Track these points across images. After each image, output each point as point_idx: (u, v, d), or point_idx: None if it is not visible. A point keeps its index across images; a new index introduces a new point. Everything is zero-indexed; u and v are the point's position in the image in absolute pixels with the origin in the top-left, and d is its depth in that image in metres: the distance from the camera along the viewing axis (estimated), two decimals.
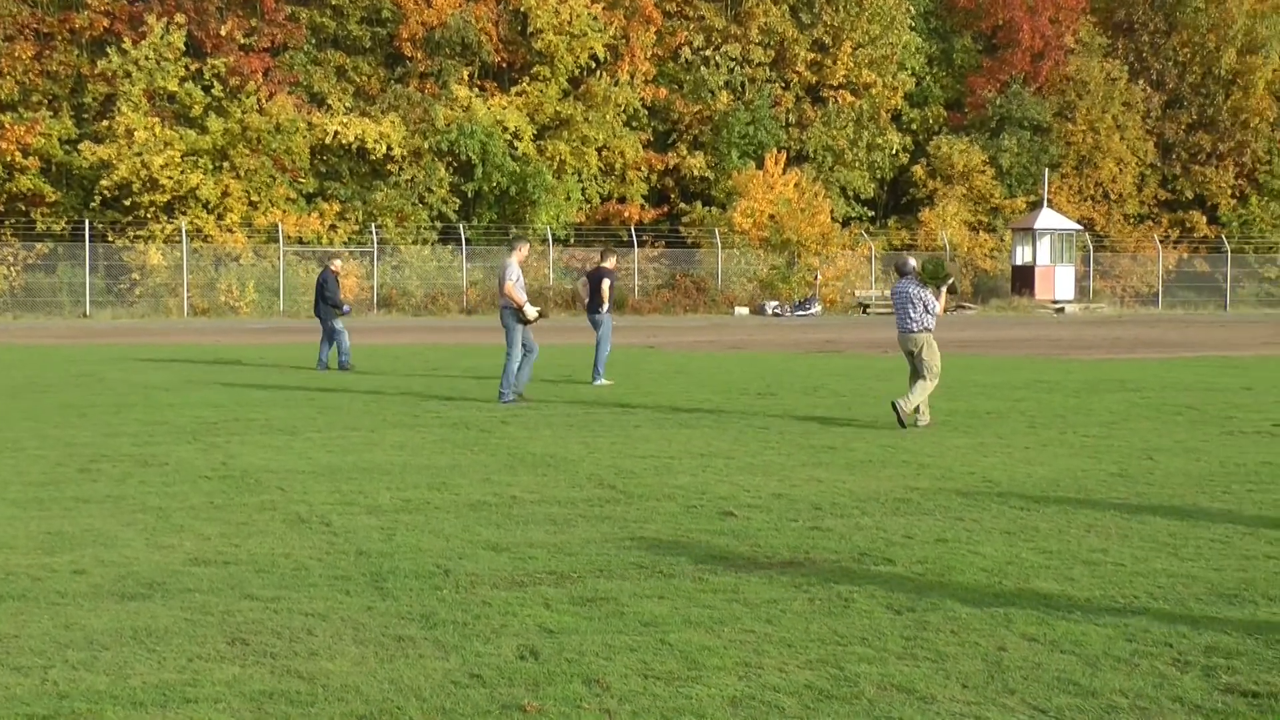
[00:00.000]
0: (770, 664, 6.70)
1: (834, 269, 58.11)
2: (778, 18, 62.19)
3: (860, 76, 63.41)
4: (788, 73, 63.46)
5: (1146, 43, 67.60)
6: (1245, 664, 6.78)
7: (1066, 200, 64.40)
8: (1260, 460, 13.61)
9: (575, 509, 10.86)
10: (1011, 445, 14.85)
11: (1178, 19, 67.42)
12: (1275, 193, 67.54)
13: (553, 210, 57.25)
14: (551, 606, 7.78)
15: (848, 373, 25.19)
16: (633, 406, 18.85)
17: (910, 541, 9.64)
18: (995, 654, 6.92)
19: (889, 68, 64.03)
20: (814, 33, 63.01)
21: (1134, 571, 8.73)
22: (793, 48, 62.66)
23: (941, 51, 67.83)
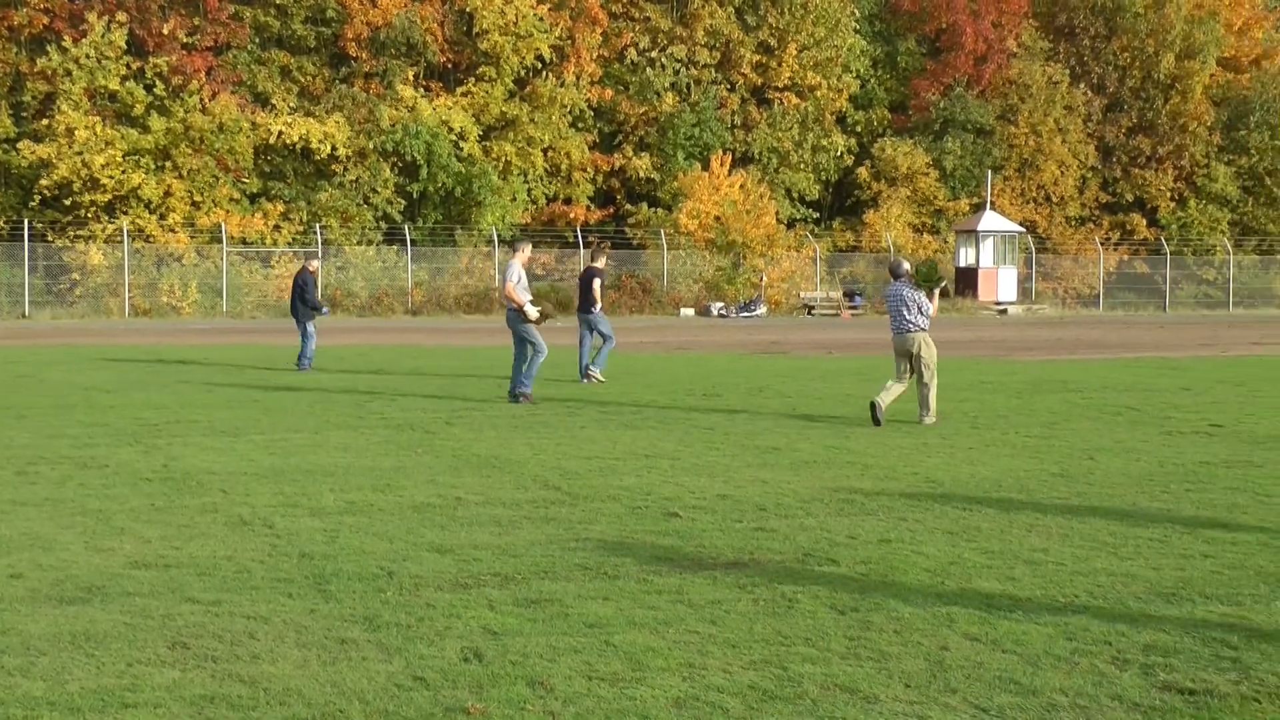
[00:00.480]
0: (714, 665, 6.72)
1: (779, 270, 58.25)
2: (723, 20, 62.29)
3: (805, 79, 63.58)
4: (733, 74, 63.57)
5: (1087, 47, 68.08)
6: (1182, 662, 6.84)
7: (1009, 202, 64.78)
8: (1198, 460, 13.74)
9: (520, 510, 10.85)
10: (954, 446, 14.94)
11: (1118, 24, 67.93)
12: (1213, 196, 68.16)
13: (498, 211, 57.12)
14: (496, 608, 7.77)
15: (793, 374, 25.26)
16: (578, 408, 18.84)
17: (854, 542, 9.68)
18: (938, 653, 6.96)
19: (834, 70, 64.23)
20: (759, 35, 63.14)
21: (1074, 571, 8.80)
22: (738, 50, 62.77)
23: (886, 54, 68.11)
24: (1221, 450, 14.55)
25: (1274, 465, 13.45)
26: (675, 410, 18.56)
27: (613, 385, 22.31)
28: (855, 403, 19.56)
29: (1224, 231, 67.72)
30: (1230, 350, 32.87)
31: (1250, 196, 69.00)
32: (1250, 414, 18.12)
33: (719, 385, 22.40)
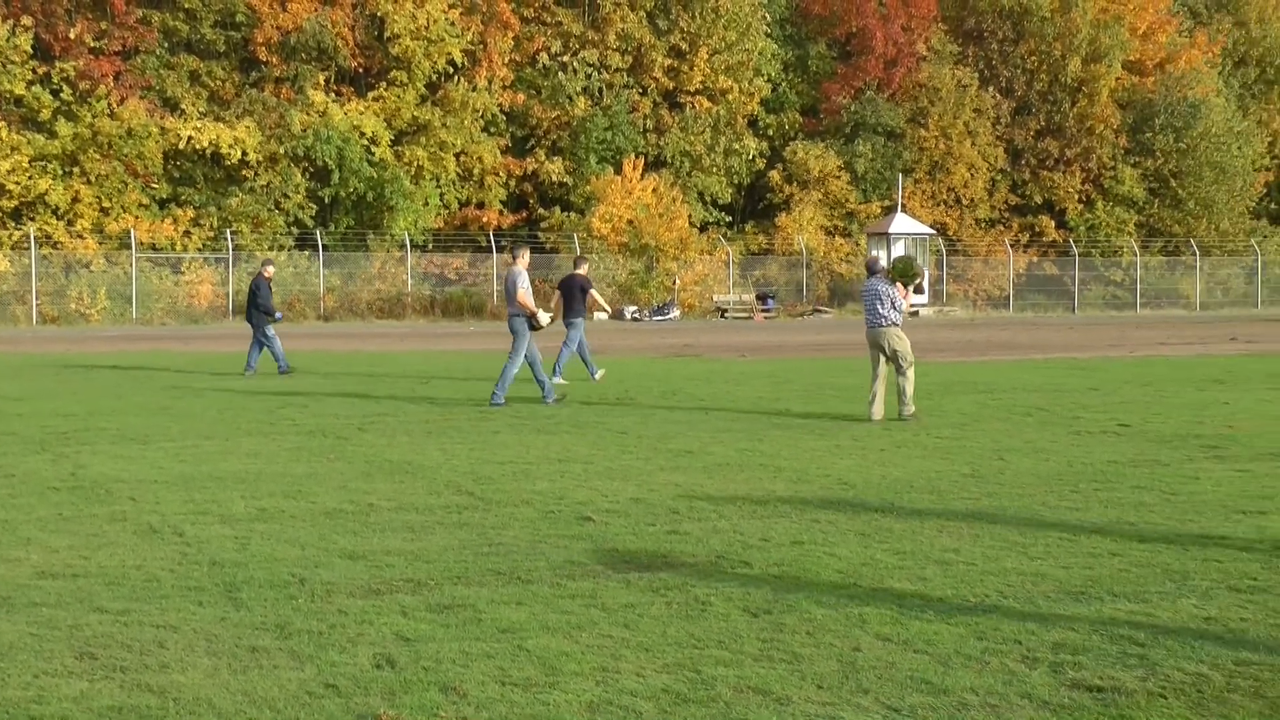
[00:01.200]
0: (627, 668, 6.72)
1: (692, 274, 58.39)
2: (635, 24, 62.35)
3: (717, 83, 63.76)
4: (645, 79, 63.64)
5: (996, 51, 68.73)
6: (1091, 659, 6.92)
7: (920, 205, 65.28)
8: (1106, 459, 13.91)
9: (433, 516, 10.81)
10: (867, 447, 15.03)
11: (1025, 28, 68.63)
12: (1120, 198, 69.00)
13: (410, 216, 56.87)
14: (408, 614, 7.74)
15: (706, 377, 25.32)
16: (491, 412, 18.80)
17: (767, 544, 9.71)
18: (850, 654, 6.99)
19: (745, 74, 64.45)
20: (671, 39, 63.27)
21: (985, 570, 8.87)
22: (650, 54, 62.86)
23: (797, 58, 68.42)
24: (1129, 449, 14.73)
25: (1180, 464, 13.63)
26: (589, 414, 18.55)
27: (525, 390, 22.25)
28: (767, 405, 19.65)
29: (1131, 233, 68.57)
30: (1137, 351, 33.29)
31: (1156, 198, 69.91)
32: (1157, 413, 18.35)
33: (632, 389, 22.42)
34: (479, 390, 22.08)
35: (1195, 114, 68.21)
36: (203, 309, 52.43)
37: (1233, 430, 16.41)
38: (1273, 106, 77.57)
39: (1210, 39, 74.82)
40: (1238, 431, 16.29)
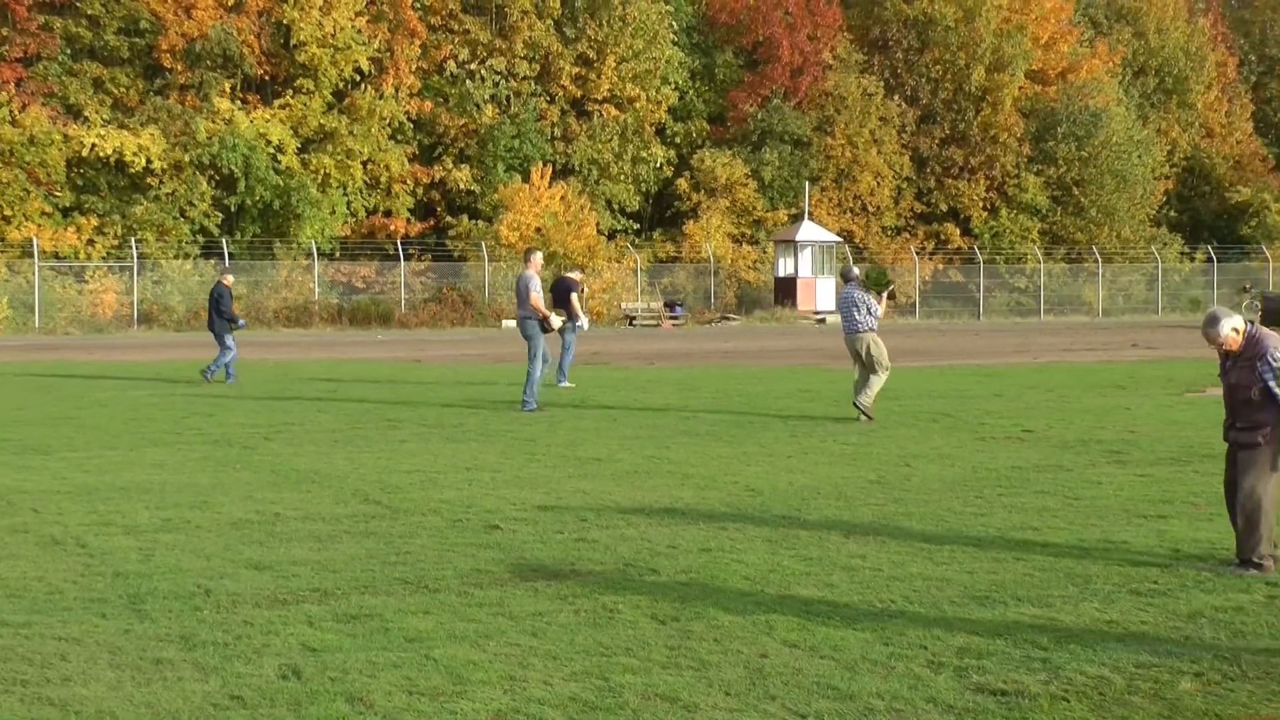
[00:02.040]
0: (535, 677, 6.71)
1: (600, 281, 58.42)
2: (542, 32, 62.30)
3: (624, 90, 63.83)
4: (553, 86, 63.60)
5: (901, 60, 69.34)
6: (995, 663, 6.99)
7: (827, 213, 65.69)
8: (1010, 465, 14.06)
9: (339, 525, 10.75)
10: (774, 454, 15.10)
11: (930, 37, 69.29)
12: (1023, 206, 69.79)
13: (317, 224, 56.49)
14: (315, 624, 7.69)
15: (613, 385, 25.34)
16: (399, 421, 18.71)
17: (675, 551, 9.74)
18: (757, 661, 7.03)
19: (652, 82, 64.57)
20: (578, 47, 63.27)
21: (891, 576, 8.94)
22: (557, 62, 62.83)
23: (704, 66, 68.65)
24: (1033, 455, 14.90)
25: (1083, 469, 13.81)
26: (496, 422, 18.52)
27: (436, 398, 22.19)
28: (675, 413, 19.69)
29: (1034, 240, 69.36)
30: (1041, 357, 33.67)
31: (1059, 206, 70.78)
32: (1060, 419, 18.58)
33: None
34: (386, 402, 21.97)
35: (1096, 123, 69.15)
36: (107, 318, 51.79)
37: (1134, 435, 16.64)
38: (1171, 116, 78.81)
39: (1111, 49, 75.93)
40: (1139, 437, 16.53)
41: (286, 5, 56.99)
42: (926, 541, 10.04)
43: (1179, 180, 78.89)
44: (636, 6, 63.02)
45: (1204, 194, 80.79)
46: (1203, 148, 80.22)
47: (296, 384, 25.53)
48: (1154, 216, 74.70)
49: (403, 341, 44.02)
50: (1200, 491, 12.24)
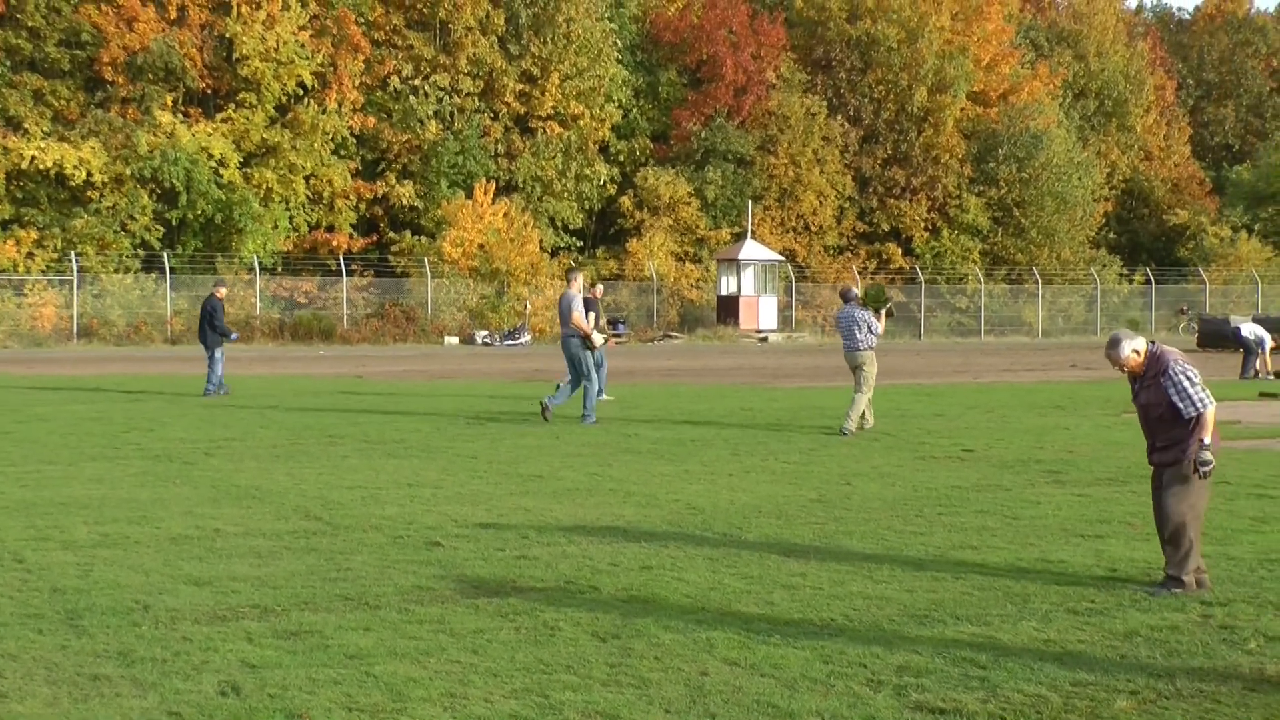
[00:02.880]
0: (476, 694, 6.70)
1: (543, 299, 58.37)
2: (486, 48, 62.27)
3: (568, 108, 63.89)
4: (496, 103, 63.58)
5: (844, 80, 69.71)
6: (934, 682, 7.03)
7: (769, 232, 65.91)
8: (950, 484, 14.13)
9: (280, 541, 10.69)
10: (716, 472, 15.11)
11: (873, 58, 69.71)
12: (965, 226, 70.28)
13: (259, 239, 56.23)
14: (254, 641, 7.65)
15: None
16: (340, 437, 18.64)
17: (616, 569, 9.74)
18: (697, 679, 7.03)
19: (596, 100, 64.66)
20: (522, 64, 63.28)
21: (831, 595, 8.97)
22: (501, 79, 62.81)
23: (648, 85, 68.80)
24: (973, 475, 14.98)
25: (1022, 488, 13.89)
26: (439, 439, 18.47)
27: (376, 414, 22.11)
28: (617, 431, 19.69)
29: (975, 261, 69.84)
30: (982, 377, 33.87)
31: (1000, 227, 71.32)
32: (1000, 439, 18.69)
33: (483, 414, 22.36)
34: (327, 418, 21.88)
35: (1037, 144, 69.74)
36: (47, 331, 51.33)
37: (1072, 455, 16.76)
38: (1111, 138, 79.62)
39: (1052, 71, 76.66)
40: (1077, 457, 16.65)
41: (229, 19, 56.75)
42: (866, 560, 10.09)
43: (1118, 202, 79.68)
44: (581, 24, 63.12)
45: (1143, 216, 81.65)
46: (1141, 170, 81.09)
47: (236, 399, 25.37)
48: (1093, 238, 75.40)
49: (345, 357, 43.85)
50: (1137, 511, 12.34)
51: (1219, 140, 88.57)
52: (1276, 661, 7.55)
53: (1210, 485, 9.33)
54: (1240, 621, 8.37)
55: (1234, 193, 79.17)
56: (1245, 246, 73.73)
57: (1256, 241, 74.38)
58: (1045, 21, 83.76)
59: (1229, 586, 9.33)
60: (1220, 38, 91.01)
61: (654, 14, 70.52)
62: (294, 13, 57.59)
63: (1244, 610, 8.65)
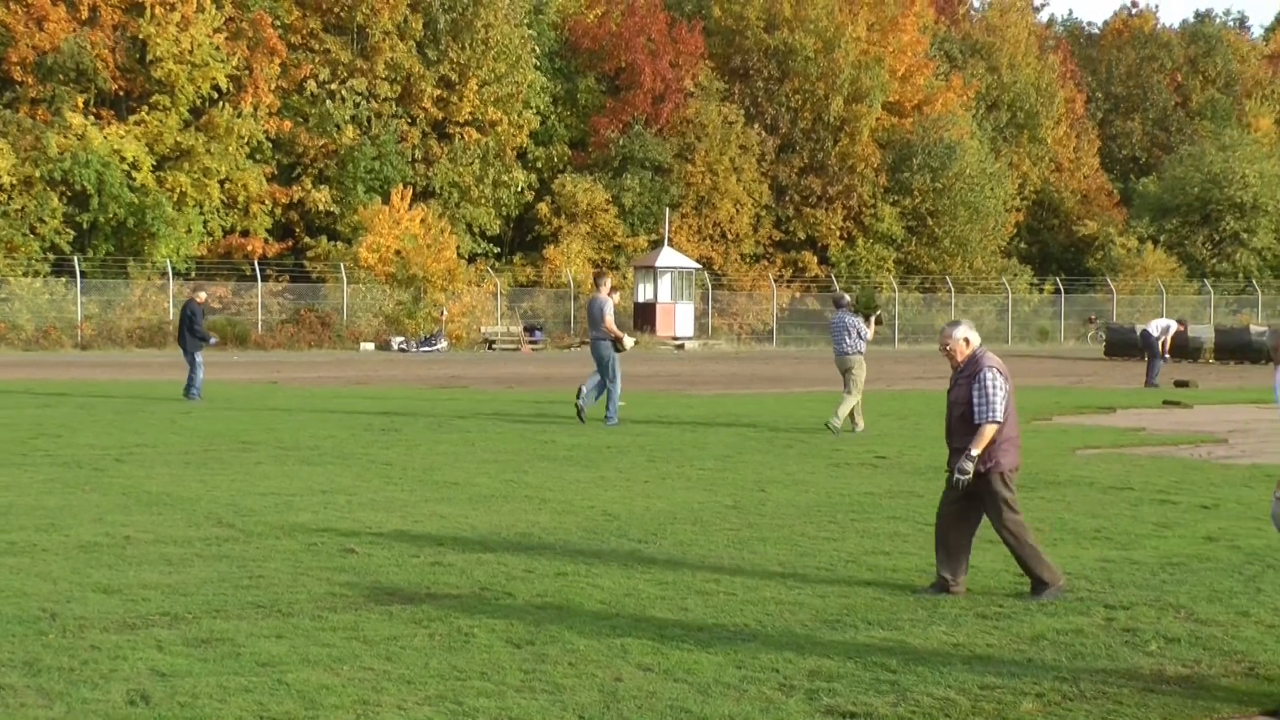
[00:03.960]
0: (389, 701, 6.70)
1: (460, 305, 58.22)
2: (404, 53, 62.02)
3: (486, 114, 63.74)
4: (414, 108, 63.33)
5: (761, 89, 70.01)
6: (845, 686, 7.11)
7: (686, 239, 66.07)
8: (863, 491, 14.26)
9: (192, 548, 10.62)
10: (631, 479, 15.16)
11: (790, 67, 70.04)
12: (879, 235, 70.78)
13: (173, 243, 55.65)
14: (164, 649, 7.60)
15: (472, 408, 25.27)
16: (254, 443, 18.51)
17: (531, 575, 9.76)
18: (611, 684, 7.07)
19: (514, 106, 64.55)
20: (440, 69, 63.07)
21: (745, 600, 9.04)
22: (419, 84, 62.57)
23: (566, 91, 68.80)
24: (885, 481, 15.12)
25: (934, 495, 13.98)
26: (354, 445, 18.40)
27: (289, 420, 21.98)
28: (533, 437, 19.70)
29: (890, 269, 70.34)
30: (895, 385, 34.14)
31: (914, 236, 71.89)
32: (913, 446, 18.86)
33: (398, 420, 22.28)
34: (240, 424, 21.72)
35: (951, 155, 70.35)
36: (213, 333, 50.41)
37: None
38: (1022, 150, 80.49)
39: (965, 83, 77.38)
40: None
41: (142, 20, 56.16)
42: (780, 566, 10.17)
43: (1029, 213, 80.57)
44: (499, 30, 63.00)
45: (1053, 227, 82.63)
46: (1052, 181, 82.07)
47: (149, 404, 25.13)
48: (1005, 248, 76.16)
49: (259, 363, 43.54)
50: (1046, 517, 12.51)
51: (1126, 153, 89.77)
52: (1176, 663, 7.70)
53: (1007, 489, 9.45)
54: (1142, 624, 8.52)
55: (1140, 204, 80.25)
56: (1151, 257, 74.76)
57: (1162, 253, 75.43)
58: (959, 34, 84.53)
59: (1132, 590, 9.50)
60: (1128, 52, 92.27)
61: (573, 21, 70.52)
62: (209, 15, 57.06)
63: (1145, 613, 8.81)
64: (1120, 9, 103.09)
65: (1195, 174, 76.95)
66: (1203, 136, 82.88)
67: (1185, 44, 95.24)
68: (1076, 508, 13.25)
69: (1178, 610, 8.90)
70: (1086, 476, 15.66)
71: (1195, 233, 77.24)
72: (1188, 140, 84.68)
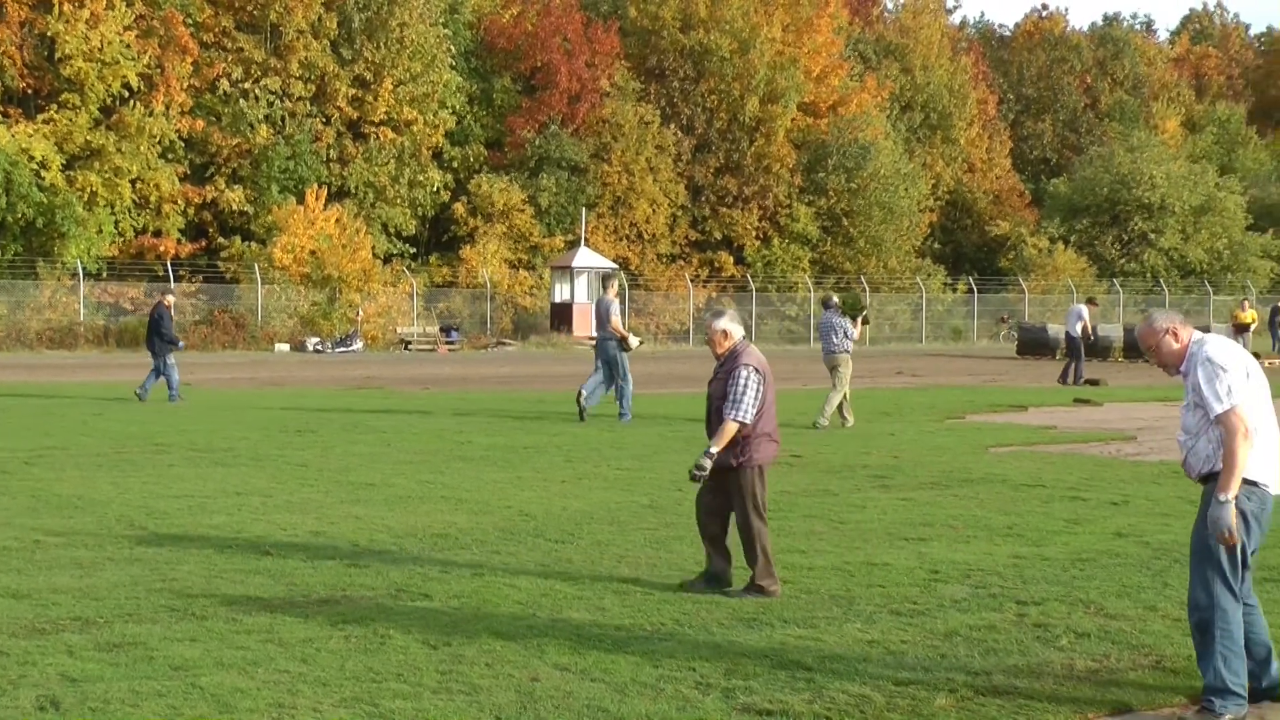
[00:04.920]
0: (304, 704, 6.67)
1: (375, 305, 57.90)
2: (318, 52, 61.61)
3: (402, 114, 63.44)
4: (329, 108, 62.92)
5: (677, 89, 70.13)
6: (761, 684, 7.15)
7: (603, 239, 66.05)
8: (779, 489, 14.29)
9: (103, 552, 10.52)
10: (549, 479, 15.16)
11: (706, 68, 70.21)
12: (795, 235, 71.05)
13: (83, 244, 54.94)
14: (75, 654, 7.53)
15: (388, 409, 25.16)
16: (167, 445, 18.33)
17: (447, 576, 9.74)
18: (528, 685, 7.08)
19: (430, 106, 64.30)
20: (355, 69, 62.70)
21: (661, 600, 9.07)
22: (334, 83, 62.18)
23: (482, 91, 68.60)
24: (801, 479, 15.20)
25: (849, 493, 14.13)
26: (268, 447, 18.26)
27: (203, 422, 21.78)
28: (450, 438, 19.63)
29: (805, 269, 70.62)
30: (810, 384, 34.28)
31: (829, 236, 72.22)
32: (828, 444, 18.96)
33: (313, 421, 22.14)
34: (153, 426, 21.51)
35: (865, 155, 70.76)
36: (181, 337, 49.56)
37: (898, 461, 17.08)
38: (936, 150, 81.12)
39: (879, 84, 77.88)
40: (902, 462, 16.97)
41: (50, 17, 55.39)
42: (697, 565, 10.18)
43: (943, 213, 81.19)
44: (414, 29, 62.73)
45: (966, 227, 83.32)
46: (965, 182, 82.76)
47: (59, 406, 24.82)
48: (919, 248, 76.70)
49: None
50: (959, 515, 12.64)
51: (1038, 154, 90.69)
52: (1086, 657, 7.81)
53: (757, 483, 9.59)
54: (1053, 620, 8.63)
55: (1051, 205, 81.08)
56: (1062, 257, 75.53)
57: (1072, 253, 76.21)
58: (873, 35, 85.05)
59: (1043, 586, 9.62)
60: (1038, 54, 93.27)
61: (488, 20, 70.32)
62: (119, 12, 56.36)
63: (1057, 609, 8.92)
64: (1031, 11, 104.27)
65: (1104, 175, 77.84)
66: (1111, 138, 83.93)
67: (1094, 47, 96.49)
68: (989, 505, 13.38)
69: (1088, 605, 9.02)
70: (999, 474, 15.81)
71: (1105, 233, 78.12)
72: (1097, 141, 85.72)
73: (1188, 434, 7.03)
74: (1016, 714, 6.79)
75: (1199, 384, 6.83)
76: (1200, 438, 6.93)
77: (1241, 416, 6.74)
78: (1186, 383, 7.00)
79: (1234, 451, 6.70)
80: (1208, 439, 6.89)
